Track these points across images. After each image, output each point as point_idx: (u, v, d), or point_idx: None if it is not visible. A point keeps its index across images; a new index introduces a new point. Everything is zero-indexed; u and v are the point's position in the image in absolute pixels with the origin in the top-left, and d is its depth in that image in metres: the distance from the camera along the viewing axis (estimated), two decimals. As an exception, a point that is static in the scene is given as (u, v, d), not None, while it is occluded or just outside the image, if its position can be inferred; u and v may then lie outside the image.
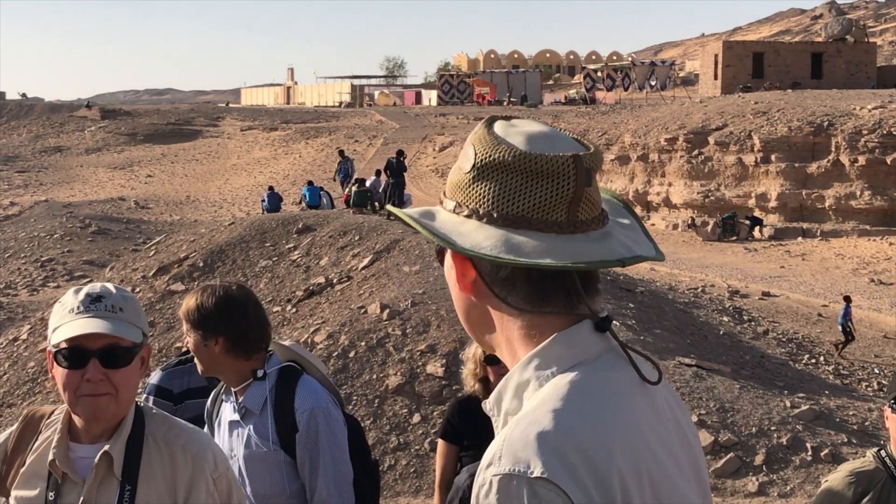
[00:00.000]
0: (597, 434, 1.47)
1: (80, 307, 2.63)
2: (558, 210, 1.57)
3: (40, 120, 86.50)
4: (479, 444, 4.85)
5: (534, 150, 1.57)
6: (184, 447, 2.73)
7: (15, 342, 20.91)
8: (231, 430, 3.84)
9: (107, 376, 2.60)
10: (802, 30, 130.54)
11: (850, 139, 33.18)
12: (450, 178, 1.67)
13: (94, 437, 2.69)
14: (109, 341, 2.61)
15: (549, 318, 1.59)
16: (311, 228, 22.33)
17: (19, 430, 2.79)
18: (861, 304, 23.00)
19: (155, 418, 2.79)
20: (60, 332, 2.62)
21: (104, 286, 2.73)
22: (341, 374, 13.70)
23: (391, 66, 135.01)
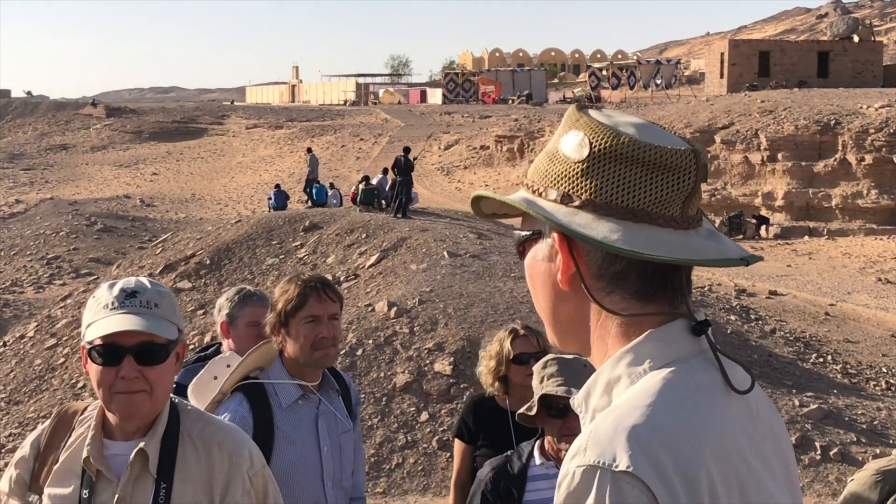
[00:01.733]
0: (687, 432, 1.43)
1: (114, 303, 2.58)
2: (675, 205, 1.53)
3: (46, 118, 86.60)
4: (492, 444, 4.83)
5: (652, 142, 1.53)
6: (220, 444, 2.69)
7: (21, 339, 20.91)
8: (328, 422, 3.86)
9: (142, 373, 2.56)
10: (807, 29, 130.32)
11: (857, 138, 33.11)
12: (545, 166, 1.60)
13: (129, 434, 2.65)
14: (144, 338, 2.56)
15: (649, 315, 1.55)
16: (317, 226, 22.32)
17: (52, 426, 2.75)
18: (868, 303, 22.95)
19: (190, 415, 2.75)
20: (95, 329, 2.56)
21: (139, 281, 2.68)
22: (349, 371, 13.67)
23: (396, 64, 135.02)
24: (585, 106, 1.63)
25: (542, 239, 1.61)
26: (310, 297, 3.78)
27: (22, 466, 2.72)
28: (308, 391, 3.78)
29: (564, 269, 1.57)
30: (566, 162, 1.57)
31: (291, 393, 3.72)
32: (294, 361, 3.80)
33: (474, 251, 18.65)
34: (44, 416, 16.19)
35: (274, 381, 3.71)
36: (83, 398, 16.57)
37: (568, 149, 1.58)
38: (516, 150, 47.35)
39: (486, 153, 49.88)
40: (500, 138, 48.97)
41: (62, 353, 19.01)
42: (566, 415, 3.69)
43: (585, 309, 1.58)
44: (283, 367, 3.78)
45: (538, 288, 1.63)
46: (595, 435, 1.43)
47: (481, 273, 16.99)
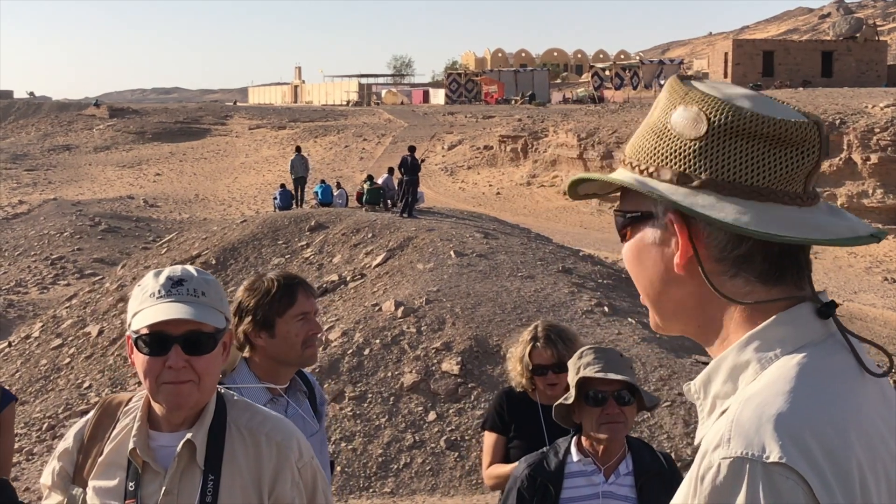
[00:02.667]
0: (833, 420, 1.35)
1: (161, 291, 2.52)
2: (797, 181, 1.46)
3: (49, 118, 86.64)
4: (524, 436, 4.79)
5: (773, 115, 1.45)
6: (268, 435, 2.63)
7: (27, 340, 20.91)
8: (301, 426, 3.76)
9: (189, 363, 2.49)
10: (810, 29, 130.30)
11: (863, 137, 33.06)
12: (653, 144, 1.52)
13: (176, 425, 2.58)
14: (192, 327, 2.50)
15: (773, 297, 1.47)
16: (323, 226, 22.30)
17: (96, 417, 2.68)
18: (875, 302, 22.92)
19: (237, 405, 2.68)
20: (141, 318, 2.50)
21: (185, 269, 2.62)
22: (356, 371, 13.66)
23: (399, 64, 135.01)
24: (687, 77, 1.56)
25: (652, 221, 1.52)
26: (298, 294, 3.71)
27: (65, 459, 2.67)
28: (276, 394, 3.68)
29: (683, 252, 1.49)
30: (679, 139, 1.49)
31: (260, 397, 3.59)
32: (272, 363, 3.68)
33: (481, 251, 18.61)
34: (49, 417, 16.18)
35: (241, 385, 3.56)
36: (88, 399, 16.55)
37: (681, 125, 1.49)
38: (520, 151, 47.31)
39: (489, 153, 49.85)
40: (504, 138, 48.94)
41: (68, 354, 18.99)
42: (605, 402, 3.68)
43: (700, 293, 1.50)
44: (249, 371, 3.68)
45: (646, 272, 1.54)
46: (738, 424, 1.35)
47: (488, 272, 16.95)
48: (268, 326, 3.65)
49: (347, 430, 12.81)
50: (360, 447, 12.58)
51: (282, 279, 3.77)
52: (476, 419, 12.48)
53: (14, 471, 13.96)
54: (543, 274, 17.18)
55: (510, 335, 13.75)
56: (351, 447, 12.57)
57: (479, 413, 12.54)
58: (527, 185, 43.36)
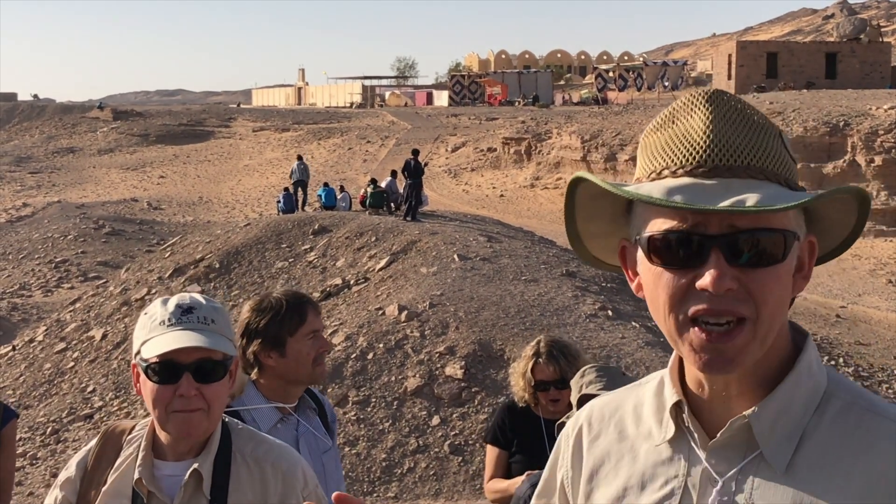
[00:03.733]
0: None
1: (170, 319, 2.51)
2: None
3: (52, 121, 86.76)
4: (526, 451, 4.79)
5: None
6: (274, 464, 2.63)
7: (31, 343, 20.91)
8: (309, 443, 3.73)
9: (199, 391, 2.48)
10: (814, 29, 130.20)
11: (867, 139, 33.01)
12: (785, 153, 1.56)
13: (181, 454, 2.58)
14: (202, 355, 2.49)
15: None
16: (327, 229, 22.29)
17: (99, 446, 2.67)
18: (879, 305, 22.88)
19: (241, 434, 2.68)
20: (152, 346, 2.49)
21: (193, 297, 2.61)
22: (360, 375, 13.65)
23: (402, 66, 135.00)
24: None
25: (797, 241, 1.51)
26: (308, 313, 3.70)
27: (67, 488, 2.65)
28: (286, 413, 3.67)
29: (809, 271, 1.55)
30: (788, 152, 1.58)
31: (270, 417, 3.61)
32: (282, 383, 3.66)
33: (484, 254, 18.60)
34: (53, 421, 16.18)
35: (251, 406, 3.57)
36: (92, 403, 16.56)
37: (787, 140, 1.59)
38: (523, 153, 47.29)
39: (493, 155, 49.83)
40: (508, 140, 48.91)
41: (72, 358, 19.00)
42: None
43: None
44: (257, 391, 3.65)
45: (784, 297, 1.49)
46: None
47: (492, 276, 16.94)
48: (279, 346, 3.63)
49: (351, 434, 12.80)
50: (363, 451, 12.58)
51: (290, 298, 3.75)
52: (480, 423, 12.48)
53: (18, 475, 13.97)
54: (547, 277, 17.17)
55: (514, 339, 13.75)
56: (355, 452, 12.57)
57: (482, 417, 12.55)
58: (530, 188, 43.33)
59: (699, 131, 1.49)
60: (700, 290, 1.41)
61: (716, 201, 1.41)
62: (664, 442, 1.57)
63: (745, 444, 1.50)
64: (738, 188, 1.43)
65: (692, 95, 1.56)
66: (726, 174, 1.45)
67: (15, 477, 13.68)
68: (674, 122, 1.54)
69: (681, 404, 1.55)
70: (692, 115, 1.52)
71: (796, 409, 1.50)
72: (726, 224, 1.42)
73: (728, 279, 1.40)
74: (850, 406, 1.51)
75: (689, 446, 1.55)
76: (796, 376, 1.51)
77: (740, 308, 1.42)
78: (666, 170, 1.49)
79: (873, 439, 1.46)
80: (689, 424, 1.55)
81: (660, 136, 1.54)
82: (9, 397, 17.89)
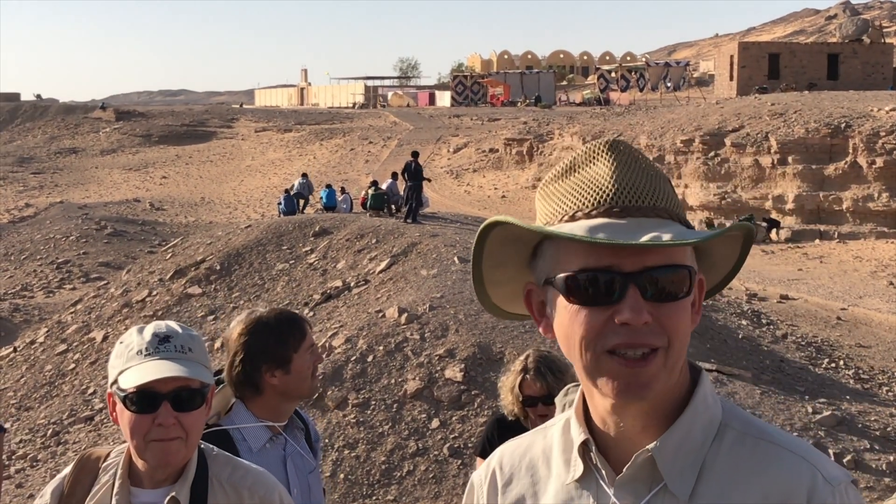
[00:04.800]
0: None
1: (147, 349, 2.51)
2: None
3: (55, 121, 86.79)
4: None
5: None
6: (251, 489, 2.64)
7: (32, 345, 20.93)
8: (296, 463, 3.72)
9: (177, 420, 2.49)
10: (817, 30, 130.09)
11: (868, 141, 32.99)
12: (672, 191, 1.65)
13: (159, 481, 2.58)
14: (180, 384, 2.49)
15: None
16: (327, 231, 22.31)
17: (73, 474, 2.66)
18: (880, 307, 22.86)
19: (217, 459, 2.68)
20: (130, 377, 2.48)
21: (169, 325, 2.61)
22: (359, 378, 13.66)
23: (405, 66, 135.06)
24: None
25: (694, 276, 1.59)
26: (305, 326, 3.72)
27: None
28: (276, 432, 3.65)
29: (700, 307, 1.63)
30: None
31: (260, 436, 3.59)
32: (280, 400, 3.64)
33: (485, 256, 18.59)
34: (54, 423, 16.20)
35: (241, 426, 3.55)
36: (93, 405, 16.57)
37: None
38: (525, 153, 47.32)
39: (495, 156, 49.85)
40: (510, 141, 48.94)
41: (72, 359, 19.02)
42: None
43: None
44: (247, 410, 3.62)
45: (688, 329, 1.58)
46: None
47: (492, 279, 16.93)
48: (285, 364, 3.61)
49: (350, 437, 12.81)
50: (363, 454, 12.59)
51: (286, 315, 3.74)
52: (480, 426, 12.48)
53: (18, 477, 14.01)
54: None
55: (514, 342, 13.76)
56: (354, 454, 12.58)
57: (482, 420, 12.54)
58: (532, 189, 43.33)
59: (605, 177, 1.58)
60: (618, 325, 1.50)
61: (635, 238, 1.49)
62: (572, 481, 1.64)
63: (649, 477, 1.57)
64: (650, 226, 1.52)
65: (592, 146, 1.63)
66: (637, 214, 1.54)
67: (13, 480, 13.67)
68: (575, 170, 1.62)
69: (588, 443, 1.62)
70: (595, 162, 1.61)
71: (695, 441, 1.58)
72: (639, 262, 1.51)
73: (645, 313, 1.49)
74: (744, 436, 1.60)
75: (597, 483, 1.61)
76: (693, 409, 1.60)
77: (654, 339, 1.50)
78: (579, 212, 1.56)
79: (766, 465, 1.57)
80: (597, 462, 1.61)
81: (564, 184, 1.62)
82: (9, 399, 17.93)
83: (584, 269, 1.51)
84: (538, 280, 1.62)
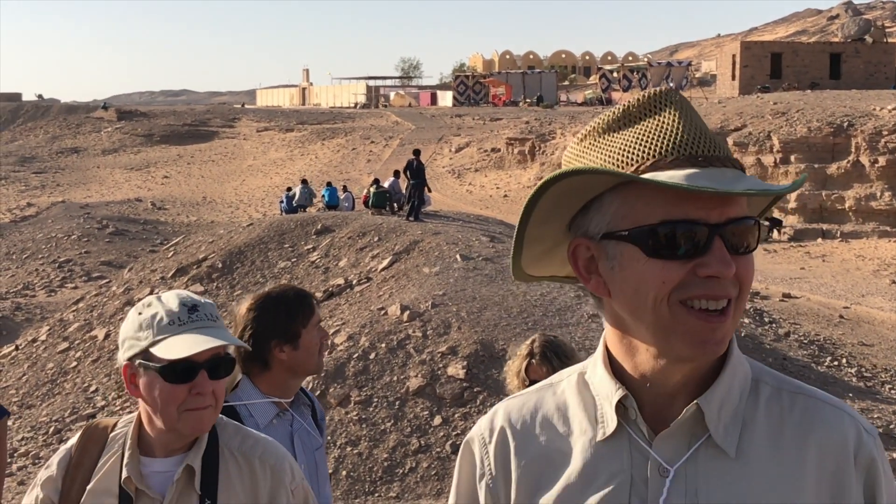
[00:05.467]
0: None
1: (180, 319, 2.49)
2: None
3: (57, 121, 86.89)
4: None
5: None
6: (262, 458, 2.63)
7: (34, 343, 20.94)
8: (303, 439, 3.72)
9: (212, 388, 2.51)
10: (819, 30, 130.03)
11: (870, 140, 32.97)
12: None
13: (171, 450, 2.57)
14: (214, 352, 2.50)
15: None
16: (329, 230, 22.31)
17: (81, 444, 2.65)
18: (883, 305, 22.85)
19: (227, 429, 2.68)
20: (170, 348, 2.46)
21: (188, 295, 2.60)
22: (362, 375, 13.65)
23: (406, 66, 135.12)
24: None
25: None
26: (314, 303, 3.74)
27: (49, 487, 2.63)
28: (283, 409, 3.67)
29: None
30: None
31: (267, 412, 3.60)
32: (287, 376, 3.65)
33: (487, 254, 18.60)
34: (56, 421, 16.20)
35: (248, 402, 3.56)
36: (95, 403, 16.57)
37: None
38: (527, 153, 47.30)
39: (497, 156, 49.83)
40: (511, 141, 48.91)
41: (74, 357, 19.02)
42: None
43: None
44: (253, 386, 3.63)
45: (750, 284, 1.56)
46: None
47: (494, 276, 16.93)
48: (293, 339, 3.63)
49: (353, 434, 12.80)
50: (365, 451, 12.58)
51: (294, 291, 3.77)
52: (482, 423, 12.46)
53: (21, 475, 14.00)
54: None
55: (516, 339, 13.74)
56: (356, 451, 12.57)
57: (484, 417, 12.52)
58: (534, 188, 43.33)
59: (677, 125, 1.52)
60: (699, 278, 1.46)
61: (732, 187, 1.45)
62: (604, 437, 1.59)
63: (689, 432, 1.54)
64: (735, 176, 1.48)
65: (648, 95, 1.58)
66: (717, 164, 1.49)
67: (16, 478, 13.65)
68: (632, 121, 1.56)
69: (626, 398, 1.57)
70: (660, 112, 1.55)
71: (734, 396, 1.56)
72: (724, 214, 1.47)
73: (732, 265, 1.46)
74: (779, 391, 1.60)
75: (630, 440, 1.57)
76: (733, 364, 1.58)
77: (732, 290, 1.48)
78: (661, 161, 1.49)
79: (812, 421, 1.56)
80: (636, 418, 1.57)
81: (623, 135, 1.55)
82: (11, 397, 17.93)
83: (666, 221, 1.46)
84: (592, 234, 1.55)
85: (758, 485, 1.52)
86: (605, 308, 1.61)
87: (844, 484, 1.53)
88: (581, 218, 1.58)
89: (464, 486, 1.75)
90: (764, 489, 1.51)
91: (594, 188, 1.53)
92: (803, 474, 1.53)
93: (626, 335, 1.57)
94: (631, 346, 1.57)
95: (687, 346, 1.48)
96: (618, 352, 1.60)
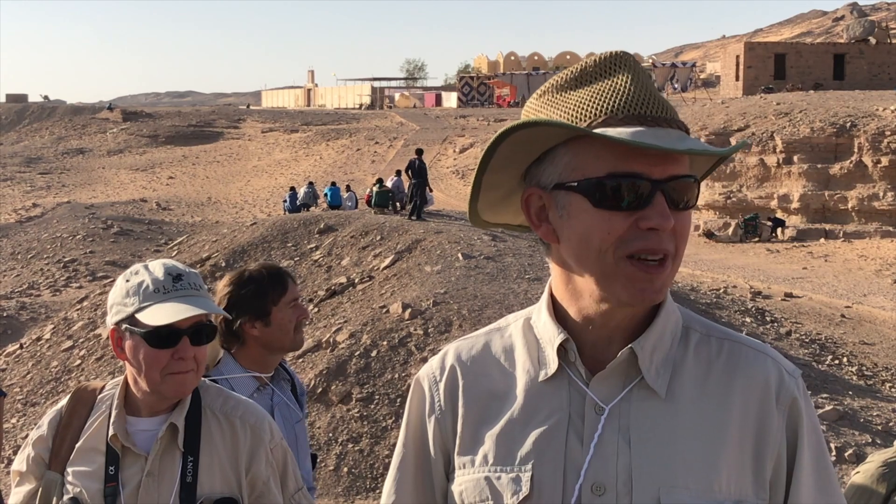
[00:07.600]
0: None
1: (164, 287, 2.64)
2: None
3: (62, 122, 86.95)
4: None
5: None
6: (242, 419, 2.76)
7: (38, 342, 21.00)
8: (283, 413, 3.82)
9: (193, 353, 2.64)
10: (824, 31, 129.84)
11: (873, 140, 32.98)
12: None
13: (156, 411, 2.71)
14: (198, 319, 2.64)
15: None
16: (332, 228, 22.37)
17: (71, 405, 2.78)
18: (884, 305, 22.85)
19: (209, 391, 2.81)
20: (154, 315, 2.60)
21: (173, 263, 2.74)
22: (363, 373, 13.70)
23: (411, 68, 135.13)
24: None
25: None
26: (288, 282, 3.84)
27: (40, 446, 2.75)
28: (263, 383, 3.79)
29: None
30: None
31: (248, 386, 3.71)
32: (263, 352, 3.77)
33: (488, 253, 18.65)
34: (60, 418, 16.26)
35: (229, 376, 3.67)
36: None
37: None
38: (531, 153, 47.32)
39: (500, 156, 49.80)
40: (515, 141, 48.91)
41: (78, 356, 19.09)
42: None
43: None
44: (235, 362, 3.76)
45: (687, 239, 1.65)
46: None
47: (495, 275, 16.99)
48: (264, 316, 3.75)
49: (354, 431, 12.86)
50: (367, 448, 12.64)
51: (269, 269, 3.89)
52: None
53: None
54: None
55: (516, 337, 13.79)
56: (358, 448, 12.63)
57: (485, 414, 12.56)
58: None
59: (628, 86, 1.61)
60: (641, 230, 1.55)
61: (675, 146, 1.54)
62: (546, 378, 1.68)
63: (624, 374, 1.64)
64: (679, 136, 1.58)
65: (602, 57, 1.68)
66: (664, 124, 1.58)
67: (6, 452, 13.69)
68: (587, 80, 1.66)
69: (567, 342, 1.66)
70: (613, 73, 1.64)
71: (666, 341, 1.66)
72: (666, 171, 1.56)
73: (671, 219, 1.55)
74: (707, 337, 1.70)
75: (569, 380, 1.66)
76: (666, 312, 1.68)
77: (669, 246, 1.57)
78: (611, 118, 1.58)
79: (736, 364, 1.66)
80: (575, 360, 1.66)
81: (578, 93, 1.65)
82: (16, 395, 18.00)
83: (613, 175, 1.55)
84: (544, 184, 1.65)
85: (685, 423, 1.61)
86: (553, 255, 1.70)
87: (767, 423, 1.63)
88: (535, 168, 1.67)
89: (414, 422, 1.85)
90: (691, 427, 1.61)
91: (549, 140, 1.62)
92: (728, 414, 1.62)
93: (572, 281, 1.67)
94: (576, 290, 1.66)
95: (628, 292, 1.58)
96: (563, 296, 1.70)
